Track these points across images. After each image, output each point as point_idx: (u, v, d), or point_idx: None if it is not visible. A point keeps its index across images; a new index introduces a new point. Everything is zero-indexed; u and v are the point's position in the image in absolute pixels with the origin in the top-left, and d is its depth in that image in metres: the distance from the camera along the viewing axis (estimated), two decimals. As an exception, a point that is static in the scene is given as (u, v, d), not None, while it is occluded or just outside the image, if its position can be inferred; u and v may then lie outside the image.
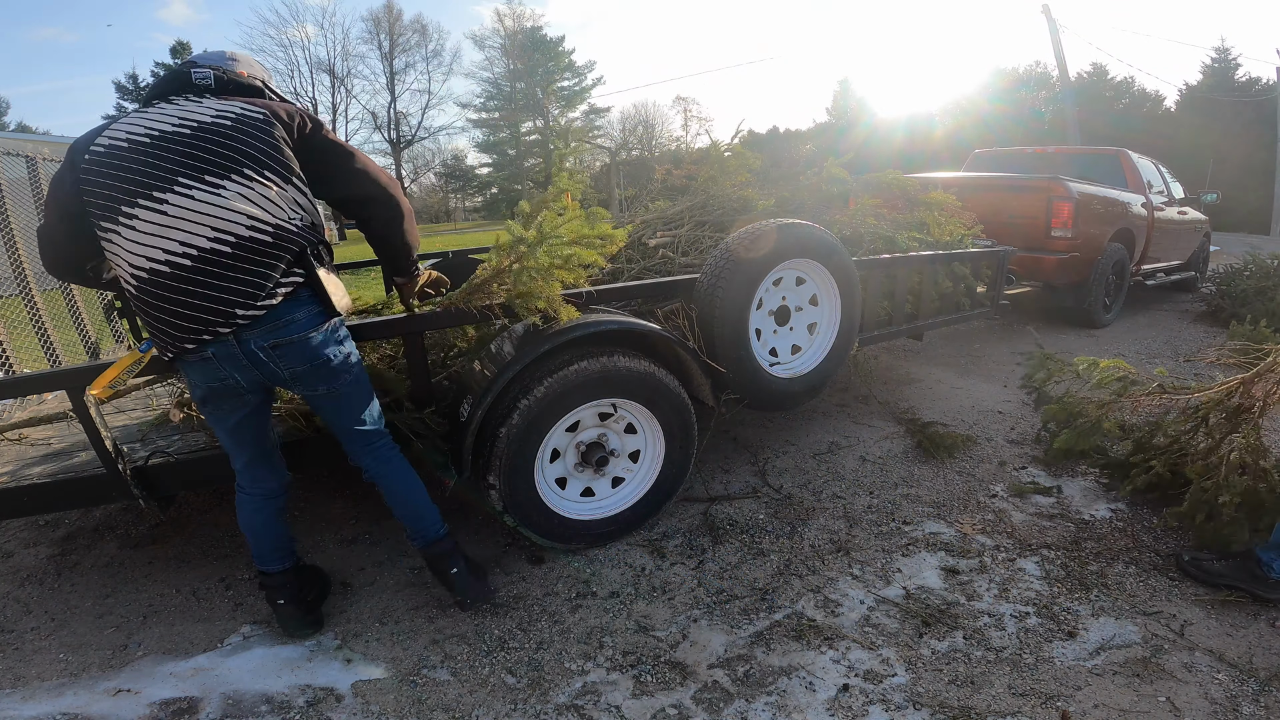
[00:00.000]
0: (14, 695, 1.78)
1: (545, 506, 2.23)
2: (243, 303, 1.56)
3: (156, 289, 1.54)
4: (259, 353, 1.61)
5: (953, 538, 2.42)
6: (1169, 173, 7.18)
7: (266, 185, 1.58)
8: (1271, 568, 2.00)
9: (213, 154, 1.55)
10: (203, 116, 1.58)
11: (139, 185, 1.52)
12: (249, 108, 1.62)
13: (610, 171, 23.46)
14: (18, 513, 2.01)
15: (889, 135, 27.80)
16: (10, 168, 2.93)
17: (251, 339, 1.60)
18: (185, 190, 1.52)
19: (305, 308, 1.65)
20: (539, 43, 44.74)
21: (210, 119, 1.58)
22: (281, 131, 1.63)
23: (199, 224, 1.53)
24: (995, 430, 3.44)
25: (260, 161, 1.58)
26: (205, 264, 1.53)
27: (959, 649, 1.86)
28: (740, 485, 2.85)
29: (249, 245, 1.56)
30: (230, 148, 1.56)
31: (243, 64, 1.80)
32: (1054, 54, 17.63)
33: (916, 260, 3.41)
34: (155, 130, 1.56)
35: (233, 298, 1.55)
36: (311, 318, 1.66)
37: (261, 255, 1.57)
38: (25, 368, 2.88)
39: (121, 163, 1.53)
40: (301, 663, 1.86)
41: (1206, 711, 1.63)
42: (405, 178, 43.37)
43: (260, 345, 1.61)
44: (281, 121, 1.64)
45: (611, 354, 2.21)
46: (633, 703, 1.70)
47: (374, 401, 1.88)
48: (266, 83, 1.82)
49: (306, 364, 1.67)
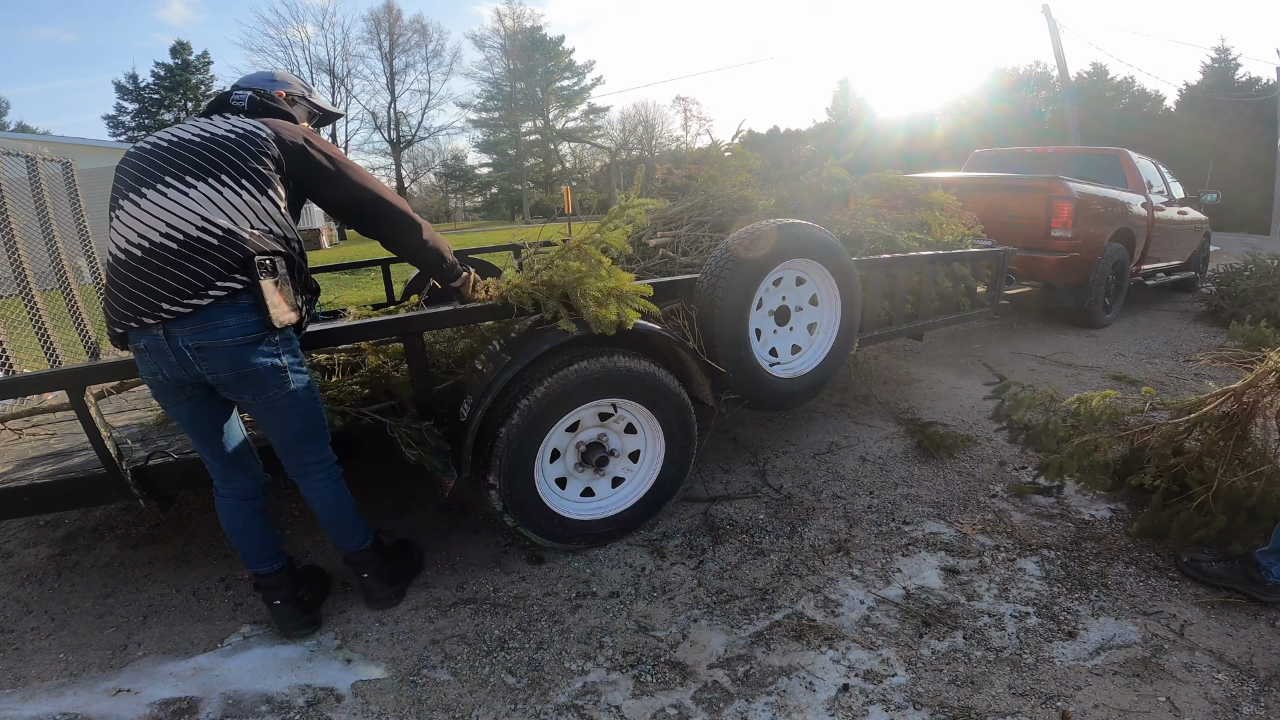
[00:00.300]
0: (14, 695, 1.78)
1: (545, 506, 2.23)
2: (170, 298, 1.58)
3: (114, 273, 1.64)
4: (185, 351, 1.62)
5: (953, 538, 2.42)
6: (1169, 173, 7.18)
7: (238, 192, 1.64)
8: (1270, 572, 2.00)
9: (201, 159, 1.65)
10: (216, 130, 1.71)
11: (136, 180, 1.65)
12: (259, 126, 1.73)
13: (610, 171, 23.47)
14: (18, 513, 2.01)
15: (889, 135, 27.82)
16: (10, 168, 2.93)
17: (179, 336, 1.61)
18: (164, 188, 1.62)
19: (240, 315, 1.63)
20: (539, 43, 44.74)
21: (221, 132, 1.70)
22: (277, 151, 1.72)
23: (158, 219, 1.61)
24: (995, 430, 3.44)
25: (240, 170, 1.66)
26: (152, 256, 1.60)
27: (959, 649, 1.86)
28: (740, 485, 2.85)
29: (194, 244, 1.60)
30: (219, 155, 1.66)
31: (282, 84, 1.97)
32: (1054, 54, 17.63)
33: (916, 260, 3.41)
34: (177, 138, 1.70)
35: (164, 291, 1.59)
36: (244, 325, 1.63)
37: (203, 256, 1.59)
38: (25, 368, 2.88)
39: (139, 161, 1.67)
40: (301, 663, 1.86)
41: (1206, 711, 1.63)
42: (405, 177, 43.36)
43: (187, 344, 1.61)
44: (285, 145, 1.74)
45: (611, 354, 2.21)
46: (633, 703, 1.70)
47: (316, 427, 1.85)
48: (306, 97, 2.01)
49: (231, 371, 1.65)
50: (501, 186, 47.80)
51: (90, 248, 3.40)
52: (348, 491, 1.97)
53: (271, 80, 1.96)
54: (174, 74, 38.35)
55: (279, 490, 2.84)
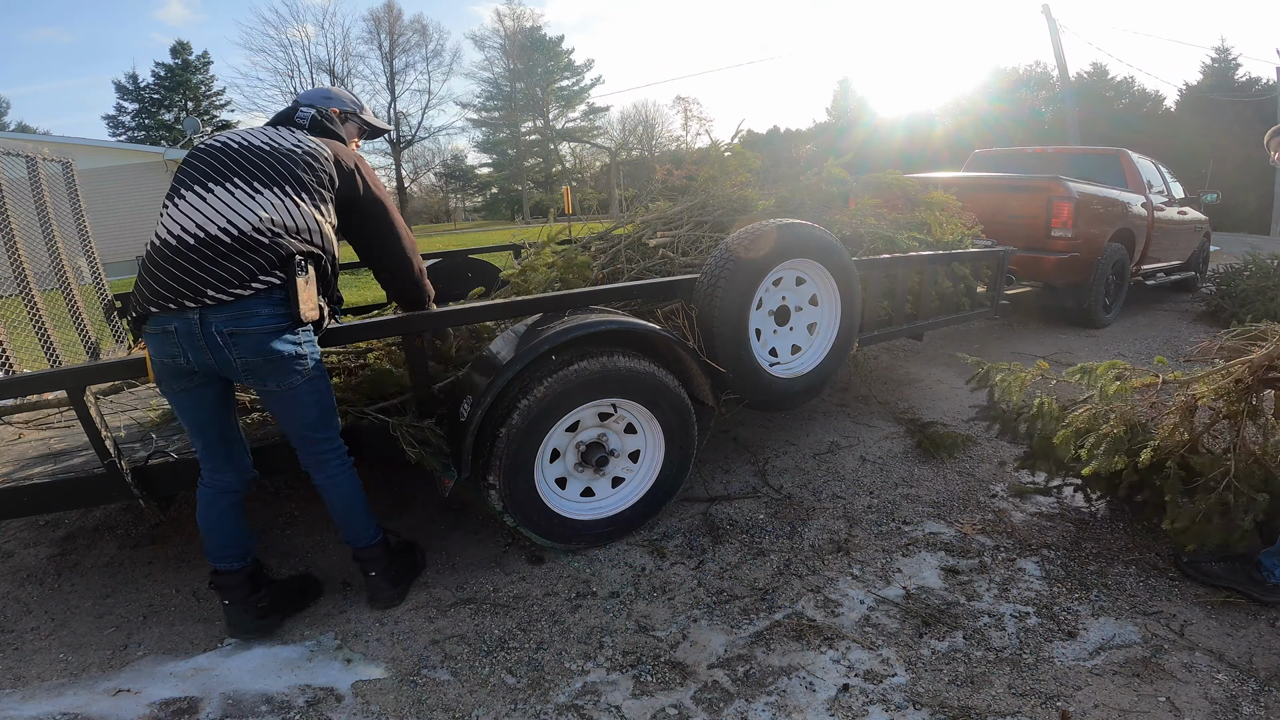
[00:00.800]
0: (14, 695, 1.78)
1: (545, 506, 2.23)
2: (217, 285, 1.68)
3: (160, 256, 1.72)
4: (217, 336, 1.69)
5: (953, 538, 2.42)
6: (1169, 173, 7.18)
7: (298, 203, 1.79)
8: (1272, 573, 1.99)
9: (270, 168, 1.80)
10: (283, 142, 1.86)
11: (203, 174, 1.77)
12: (320, 146, 1.91)
13: (610, 171, 23.48)
14: (18, 513, 2.01)
15: (889, 135, 27.80)
16: (10, 168, 2.93)
17: (215, 321, 1.69)
18: (232, 188, 1.76)
19: (272, 306, 1.74)
20: (538, 42, 44.72)
21: (288, 146, 1.86)
22: (334, 170, 1.90)
23: (220, 213, 1.72)
24: (986, 430, 3.44)
25: (302, 184, 1.82)
26: (205, 246, 1.70)
27: (959, 649, 1.86)
28: (740, 485, 2.85)
29: (248, 241, 1.71)
30: (287, 168, 1.82)
31: (336, 101, 2.16)
32: (1054, 54, 17.64)
33: (916, 260, 3.41)
34: (247, 142, 1.84)
35: (212, 280, 1.68)
36: (275, 316, 1.74)
37: (254, 252, 1.71)
38: (25, 368, 2.88)
39: (208, 156, 1.80)
40: (301, 663, 1.86)
41: (1206, 711, 1.63)
42: (405, 177, 43.38)
43: (220, 329, 1.69)
44: (341, 168, 1.93)
45: (611, 354, 2.21)
46: (633, 703, 1.70)
47: (330, 415, 1.93)
48: (358, 114, 2.20)
49: (259, 356, 1.73)
50: (501, 186, 47.78)
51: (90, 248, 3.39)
52: (360, 482, 2.00)
53: (327, 97, 2.15)
54: (174, 74, 38.33)
55: (279, 491, 2.84)
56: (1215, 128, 22.73)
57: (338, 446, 1.97)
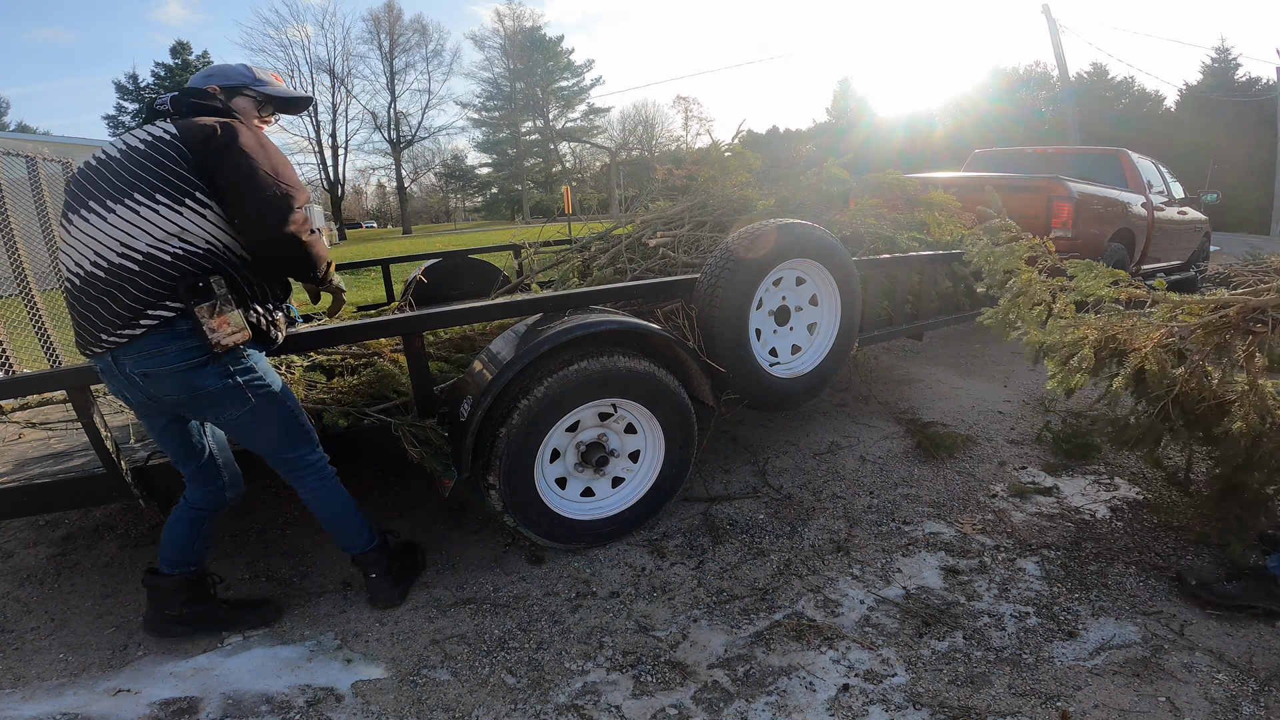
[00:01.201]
0: (14, 695, 1.78)
1: (545, 506, 2.23)
2: (105, 328, 1.57)
3: (66, 296, 1.65)
4: (135, 378, 1.60)
5: (953, 538, 2.42)
6: (1169, 173, 7.18)
7: (154, 209, 1.55)
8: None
9: (119, 178, 1.57)
10: (132, 141, 1.61)
11: (70, 204, 1.62)
12: (166, 129, 1.60)
13: (610, 171, 23.48)
14: (18, 513, 2.01)
15: (889, 135, 27.84)
16: (10, 168, 2.94)
17: (126, 363, 1.59)
18: (87, 213, 1.58)
19: (179, 341, 1.57)
20: (538, 43, 44.77)
21: (134, 143, 1.60)
22: (184, 149, 1.57)
23: (88, 246, 1.57)
24: (995, 430, 3.44)
25: (152, 185, 1.56)
26: (87, 285, 1.58)
27: (959, 649, 1.86)
28: (740, 485, 2.85)
29: (118, 272, 1.55)
30: (130, 171, 1.57)
31: (219, 77, 1.79)
32: (1054, 54, 17.64)
33: (916, 260, 3.41)
34: (105, 155, 1.63)
35: (100, 321, 1.57)
36: (184, 352, 1.58)
37: (128, 284, 1.54)
38: (25, 368, 2.88)
39: (74, 184, 1.64)
40: (301, 663, 1.86)
41: (1206, 711, 1.63)
42: (405, 177, 43.37)
43: (134, 371, 1.60)
44: (194, 139, 1.58)
45: (611, 354, 2.21)
46: (633, 703, 1.70)
47: (294, 433, 1.84)
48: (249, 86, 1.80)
49: (185, 394, 1.63)
50: (501, 186, 47.83)
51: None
52: (346, 493, 1.97)
53: (209, 75, 1.80)
54: (174, 74, 38.40)
55: (279, 491, 2.84)
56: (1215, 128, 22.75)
57: (313, 462, 1.88)
